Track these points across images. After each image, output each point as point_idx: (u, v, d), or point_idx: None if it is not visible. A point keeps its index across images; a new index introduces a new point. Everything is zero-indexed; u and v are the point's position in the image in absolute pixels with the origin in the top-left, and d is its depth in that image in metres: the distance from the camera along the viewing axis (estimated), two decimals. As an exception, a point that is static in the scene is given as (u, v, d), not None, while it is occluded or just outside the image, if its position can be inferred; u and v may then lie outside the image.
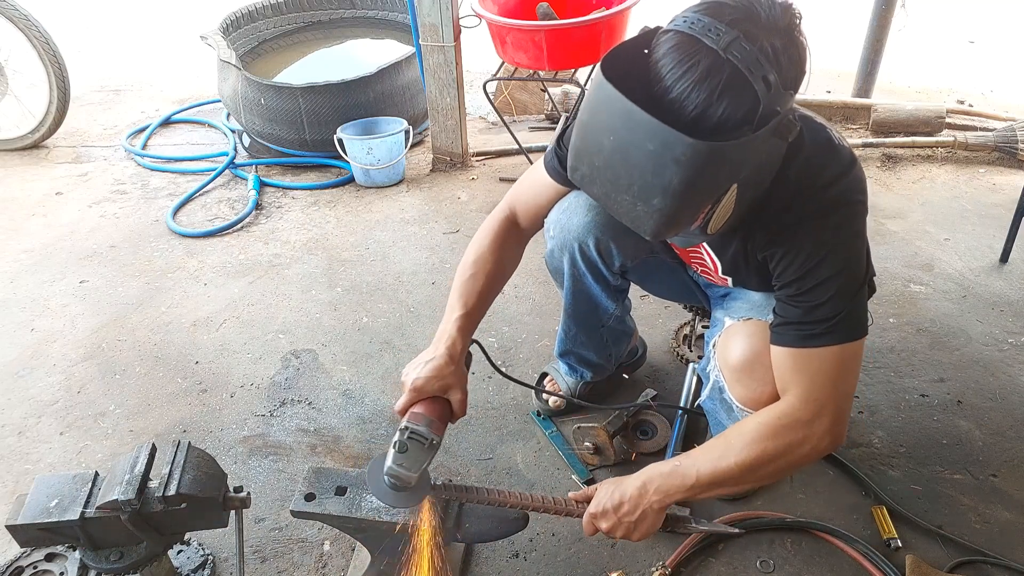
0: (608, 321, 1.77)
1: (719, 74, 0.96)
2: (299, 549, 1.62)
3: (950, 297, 2.36)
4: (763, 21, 0.99)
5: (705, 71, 0.96)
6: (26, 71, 3.47)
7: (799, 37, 1.03)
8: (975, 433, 1.86)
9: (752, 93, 0.97)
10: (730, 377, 1.37)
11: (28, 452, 1.90)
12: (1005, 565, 1.52)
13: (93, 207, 3.08)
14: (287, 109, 3.20)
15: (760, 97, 0.97)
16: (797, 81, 1.04)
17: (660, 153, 0.97)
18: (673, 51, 0.99)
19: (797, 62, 1.03)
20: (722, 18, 0.98)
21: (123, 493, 1.24)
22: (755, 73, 0.96)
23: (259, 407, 2.02)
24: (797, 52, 1.02)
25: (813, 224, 1.19)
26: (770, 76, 0.97)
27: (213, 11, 4.08)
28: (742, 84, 0.96)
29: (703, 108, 0.97)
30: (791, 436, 1.22)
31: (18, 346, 2.28)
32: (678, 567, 1.52)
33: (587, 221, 1.52)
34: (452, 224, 2.86)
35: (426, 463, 1.24)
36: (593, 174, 1.07)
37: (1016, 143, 3.11)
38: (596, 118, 1.04)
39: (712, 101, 0.97)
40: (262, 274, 2.60)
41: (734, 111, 0.97)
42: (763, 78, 0.96)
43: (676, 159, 0.96)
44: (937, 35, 4.81)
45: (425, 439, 1.24)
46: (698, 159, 0.96)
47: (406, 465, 1.22)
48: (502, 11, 2.91)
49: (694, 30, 0.98)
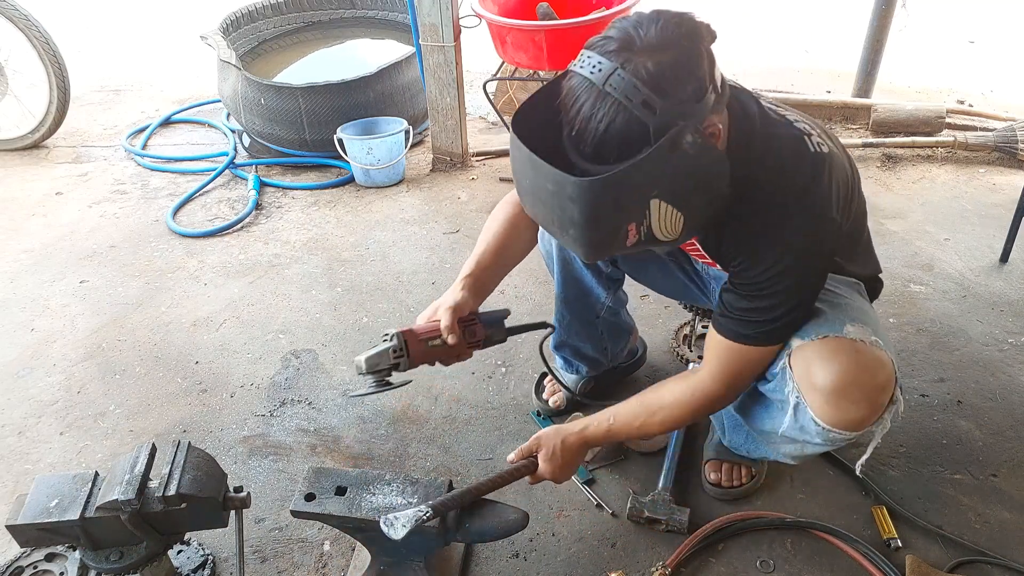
0: (601, 311, 1.78)
1: (602, 107, 1.04)
2: (299, 549, 1.62)
3: (950, 297, 2.36)
4: (637, 45, 1.04)
5: (591, 107, 1.05)
6: (26, 71, 3.47)
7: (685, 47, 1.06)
8: (975, 433, 1.86)
9: (635, 118, 1.03)
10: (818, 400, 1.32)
11: (28, 452, 1.90)
12: (1005, 565, 1.52)
13: (93, 207, 3.08)
14: (287, 109, 3.20)
15: (646, 121, 1.03)
16: (699, 90, 1.07)
17: (558, 192, 1.07)
18: (568, 92, 1.08)
19: (688, 73, 1.06)
20: (605, 51, 1.05)
21: (123, 493, 1.24)
22: (633, 100, 1.02)
23: (259, 407, 2.02)
24: (687, 64, 1.06)
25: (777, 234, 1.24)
26: (650, 99, 1.02)
27: (213, 11, 4.08)
28: (623, 111, 1.03)
29: (598, 140, 1.05)
30: (702, 408, 1.43)
31: (18, 346, 2.28)
32: (678, 567, 1.52)
33: None
34: (452, 224, 2.86)
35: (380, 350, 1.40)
36: (529, 207, 1.20)
37: (1016, 143, 3.11)
38: (515, 163, 1.17)
39: (601, 132, 1.04)
40: (262, 274, 2.60)
41: (625, 137, 1.04)
42: (643, 103, 1.02)
43: (569, 196, 1.06)
44: (937, 35, 4.81)
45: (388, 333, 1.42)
46: (586, 194, 1.04)
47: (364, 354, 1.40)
48: (502, 11, 2.91)
49: (583, 69, 1.07)
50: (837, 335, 1.30)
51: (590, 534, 1.63)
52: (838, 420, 1.32)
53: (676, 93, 1.04)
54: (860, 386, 1.28)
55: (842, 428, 1.33)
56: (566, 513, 1.68)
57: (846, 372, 1.27)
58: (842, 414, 1.31)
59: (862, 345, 1.28)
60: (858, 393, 1.29)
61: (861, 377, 1.28)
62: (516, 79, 3.40)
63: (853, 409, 1.30)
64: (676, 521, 1.59)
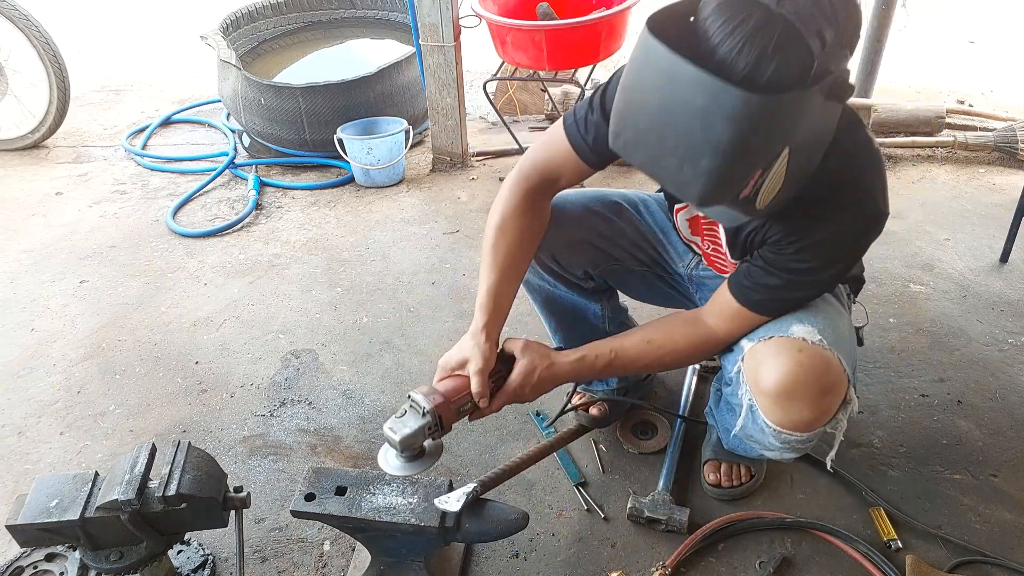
0: (603, 323, 1.75)
1: (771, 30, 0.90)
2: (299, 549, 1.62)
3: (950, 297, 2.36)
4: None
5: (756, 27, 0.90)
6: (26, 71, 3.47)
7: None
8: (975, 433, 1.86)
9: (806, 50, 0.91)
10: (766, 403, 1.32)
11: (28, 452, 1.90)
12: (1005, 565, 1.52)
13: (93, 207, 3.08)
14: (287, 109, 3.20)
15: (814, 55, 0.92)
16: (853, 40, 0.98)
17: (710, 108, 0.91)
18: (721, 7, 0.93)
19: (854, 18, 0.97)
20: None
21: (123, 493, 1.24)
22: (809, 28, 0.91)
23: (259, 407, 2.02)
24: (855, 8, 0.97)
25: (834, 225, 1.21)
26: (826, 32, 0.92)
27: (213, 11, 4.08)
28: (795, 40, 0.91)
29: (753, 66, 0.91)
30: (705, 354, 1.44)
31: (18, 346, 2.28)
32: (678, 567, 1.52)
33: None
34: (452, 224, 2.86)
35: (414, 429, 1.27)
36: (637, 138, 1.02)
37: (1016, 143, 3.11)
38: (640, 77, 0.98)
39: (763, 59, 0.91)
40: (262, 274, 2.60)
41: (787, 69, 0.91)
42: (818, 33, 0.91)
43: (727, 114, 0.91)
44: (937, 35, 4.81)
45: (420, 407, 1.29)
46: (751, 113, 0.90)
47: (394, 428, 1.28)
48: (502, 11, 2.91)
49: None
50: (782, 335, 1.29)
51: (590, 534, 1.63)
52: (786, 422, 1.32)
53: (844, 33, 0.94)
54: (805, 387, 1.27)
55: (791, 429, 1.33)
56: (566, 513, 1.68)
57: (789, 373, 1.26)
58: (788, 416, 1.31)
59: (805, 345, 1.26)
60: (803, 394, 1.28)
61: (805, 378, 1.26)
62: (516, 79, 3.40)
63: (798, 411, 1.29)
64: (676, 521, 1.59)
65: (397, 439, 1.27)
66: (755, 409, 1.37)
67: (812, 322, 1.29)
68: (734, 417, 1.47)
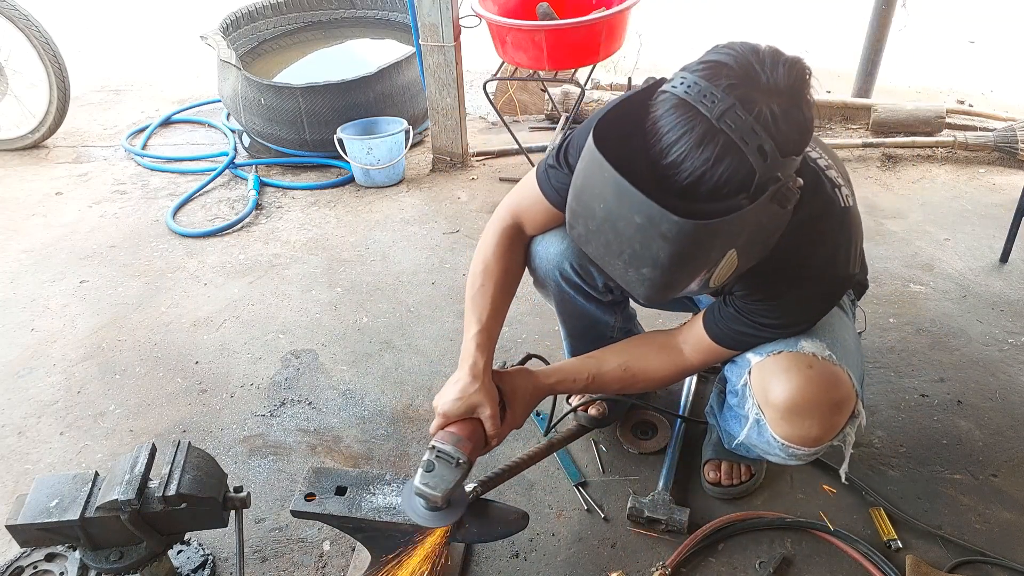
0: (612, 333, 1.74)
1: (712, 144, 0.95)
2: (299, 549, 1.62)
3: (950, 297, 2.36)
4: (762, 84, 0.96)
5: (699, 139, 0.95)
6: (26, 71, 3.47)
7: (805, 96, 1.00)
8: (975, 433, 1.86)
9: (747, 163, 0.95)
10: (774, 417, 1.33)
11: (28, 452, 1.90)
12: (1005, 565, 1.52)
13: (93, 207, 3.08)
14: (287, 109, 3.20)
15: (755, 167, 0.96)
16: (800, 145, 1.01)
17: (647, 227, 0.97)
18: (668, 114, 0.98)
19: (800, 125, 1.00)
20: (719, 83, 0.96)
21: (123, 493, 1.24)
22: (749, 144, 0.94)
23: (259, 407, 2.02)
24: (801, 114, 0.99)
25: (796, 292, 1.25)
26: (766, 145, 0.95)
27: (213, 11, 4.08)
28: (736, 154, 0.95)
29: (698, 176, 0.96)
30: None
31: (18, 346, 2.28)
32: (678, 567, 1.52)
33: (563, 248, 1.52)
34: (452, 224, 2.86)
35: (454, 481, 1.24)
36: (588, 236, 1.09)
37: (1016, 143, 3.11)
38: (588, 184, 1.04)
39: (707, 169, 0.95)
40: (262, 274, 2.60)
41: (728, 179, 0.96)
42: (758, 148, 0.95)
43: (663, 235, 0.96)
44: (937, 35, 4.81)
45: (452, 458, 1.25)
46: (684, 237, 0.96)
47: (432, 484, 1.23)
48: (502, 11, 2.91)
49: (690, 95, 0.96)
50: (791, 350, 1.30)
51: (590, 534, 1.63)
52: (794, 436, 1.33)
53: (788, 143, 0.98)
54: (816, 403, 1.28)
55: (799, 444, 1.34)
56: (566, 513, 1.68)
57: (800, 389, 1.27)
58: (798, 431, 1.31)
59: (815, 360, 1.27)
60: (813, 410, 1.28)
61: (816, 394, 1.27)
62: (516, 79, 3.40)
63: (808, 426, 1.30)
64: (676, 521, 1.59)
65: (440, 496, 1.22)
66: (762, 423, 1.37)
67: (820, 336, 1.31)
68: (739, 427, 1.47)
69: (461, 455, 1.25)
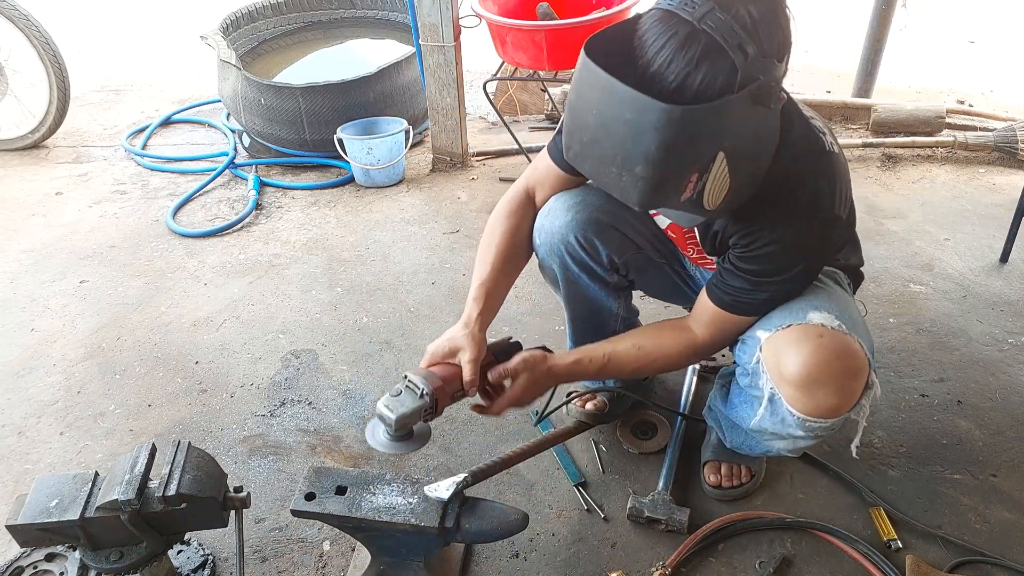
0: (616, 324, 1.75)
1: (695, 44, 1.00)
2: (299, 549, 1.62)
3: (950, 297, 2.36)
4: None
5: (681, 42, 1.01)
6: (26, 71, 3.47)
7: (782, 5, 1.06)
8: (975, 433, 1.86)
9: (728, 61, 1.00)
10: (790, 390, 1.33)
11: (28, 452, 1.90)
12: (1005, 565, 1.52)
13: (93, 207, 3.08)
14: (287, 109, 3.20)
15: (737, 65, 1.00)
16: (782, 49, 1.06)
17: (637, 121, 1.02)
18: (653, 26, 1.04)
19: (779, 29, 1.05)
20: None
21: (123, 493, 1.24)
22: (730, 42, 1.00)
23: (259, 407, 2.02)
24: (778, 20, 1.05)
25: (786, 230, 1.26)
26: (747, 45, 1.00)
27: (213, 11, 4.08)
28: (718, 53, 1.00)
29: (682, 78, 1.01)
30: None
31: (18, 346, 2.28)
32: (678, 567, 1.52)
33: (567, 220, 1.54)
34: (452, 224, 2.86)
35: (412, 408, 1.30)
36: (583, 151, 1.13)
37: (1016, 143, 3.11)
38: (581, 96, 1.09)
39: (690, 70, 1.01)
40: (262, 274, 2.60)
41: (712, 79, 1.01)
42: (739, 46, 1.00)
43: (653, 125, 1.01)
44: (937, 35, 4.82)
45: (418, 388, 1.31)
46: (673, 123, 1.00)
47: (391, 407, 1.30)
48: (502, 11, 2.91)
49: (672, 5, 1.03)
50: (800, 323, 1.31)
51: (590, 534, 1.63)
52: (811, 408, 1.33)
53: (767, 45, 1.03)
54: (830, 372, 1.29)
55: (817, 416, 1.34)
56: (566, 513, 1.68)
57: (813, 359, 1.28)
58: (815, 402, 1.32)
59: (825, 331, 1.29)
60: (828, 379, 1.29)
61: (830, 363, 1.28)
62: (516, 79, 3.40)
63: (824, 396, 1.30)
64: (676, 521, 1.59)
65: (394, 417, 1.29)
66: (776, 399, 1.37)
67: (828, 308, 1.32)
68: (752, 410, 1.47)
69: (426, 386, 1.31)
